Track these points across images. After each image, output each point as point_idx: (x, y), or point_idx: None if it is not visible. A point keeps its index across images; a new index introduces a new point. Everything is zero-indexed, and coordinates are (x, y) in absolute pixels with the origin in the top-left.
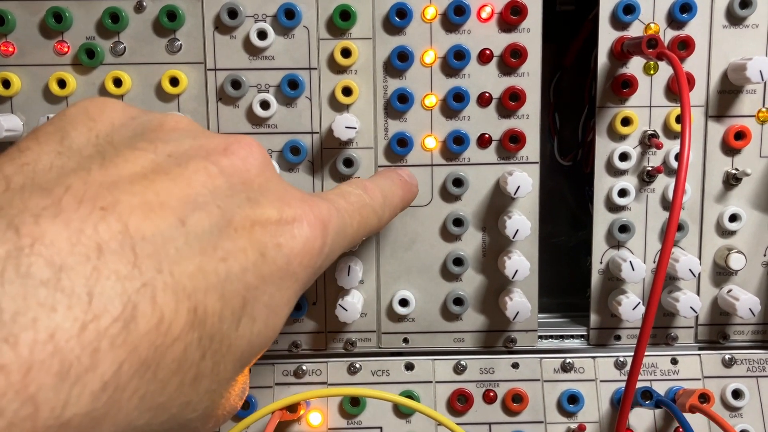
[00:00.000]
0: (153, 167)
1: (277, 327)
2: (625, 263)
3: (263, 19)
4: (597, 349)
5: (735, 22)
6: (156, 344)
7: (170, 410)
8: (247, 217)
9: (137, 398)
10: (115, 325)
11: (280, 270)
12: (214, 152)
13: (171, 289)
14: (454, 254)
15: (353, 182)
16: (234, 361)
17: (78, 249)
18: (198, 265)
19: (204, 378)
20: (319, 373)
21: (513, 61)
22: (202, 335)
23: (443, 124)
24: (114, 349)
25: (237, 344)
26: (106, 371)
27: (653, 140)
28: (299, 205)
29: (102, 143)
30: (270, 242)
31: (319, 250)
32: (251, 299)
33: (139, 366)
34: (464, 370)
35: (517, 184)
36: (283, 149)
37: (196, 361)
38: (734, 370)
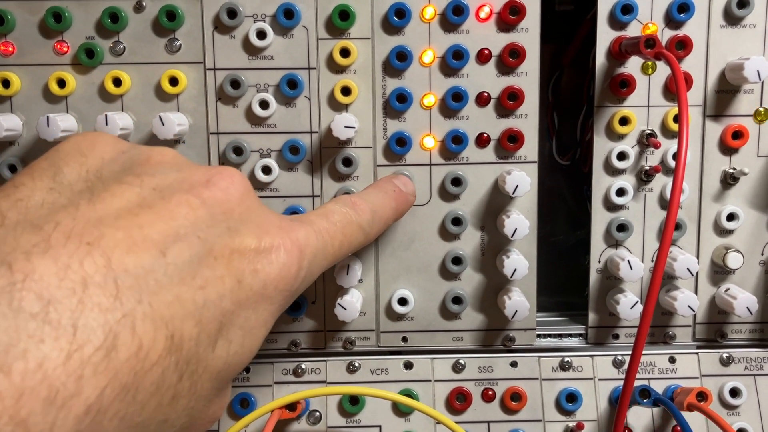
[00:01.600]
0: (138, 201)
1: (253, 347)
2: (623, 262)
3: (262, 19)
4: (595, 348)
5: (733, 22)
6: (135, 370)
7: (148, 428)
8: (227, 246)
9: (117, 419)
10: (98, 354)
11: (256, 294)
12: (197, 185)
13: (150, 318)
14: (452, 253)
15: (341, 199)
16: (211, 380)
17: (65, 283)
18: (176, 294)
19: (182, 397)
20: (318, 372)
21: (511, 61)
22: (179, 359)
23: (442, 123)
24: (97, 375)
25: (213, 365)
26: (90, 396)
27: (651, 140)
28: (277, 233)
29: (92, 178)
30: (247, 269)
31: (295, 275)
32: (227, 323)
33: (120, 390)
34: (463, 369)
35: (515, 183)
36: (282, 149)
37: (174, 383)
38: (732, 368)
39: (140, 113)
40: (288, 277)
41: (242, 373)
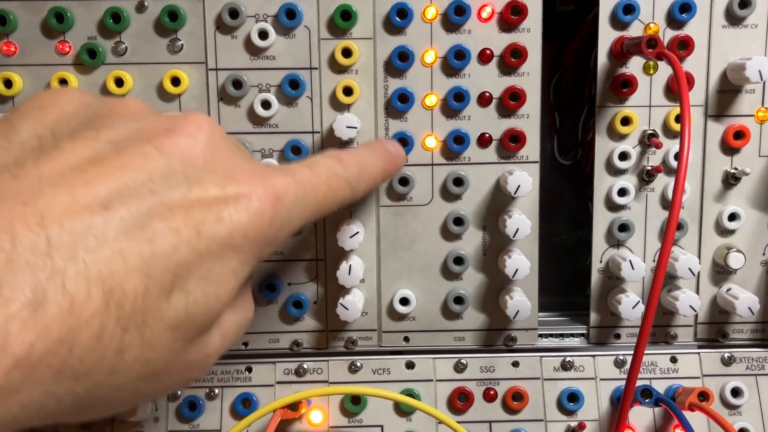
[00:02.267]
0: (90, 156)
1: (221, 296)
2: (624, 262)
3: (264, 19)
4: (597, 348)
5: (734, 22)
6: (69, 325)
7: (94, 378)
8: (184, 197)
9: (53, 372)
10: (25, 310)
11: (219, 244)
12: (156, 134)
13: (83, 275)
14: (454, 253)
15: (327, 153)
16: (169, 330)
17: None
18: (119, 249)
19: (131, 349)
20: (320, 372)
21: (513, 61)
22: (120, 314)
23: (444, 123)
24: (24, 331)
25: (169, 315)
26: (18, 351)
27: (653, 140)
28: (247, 180)
29: (47, 134)
30: (209, 218)
31: (269, 222)
32: (183, 274)
33: (52, 345)
34: (465, 369)
35: (517, 183)
36: (284, 149)
37: (118, 336)
38: (733, 368)
39: None
40: (260, 225)
41: (244, 372)
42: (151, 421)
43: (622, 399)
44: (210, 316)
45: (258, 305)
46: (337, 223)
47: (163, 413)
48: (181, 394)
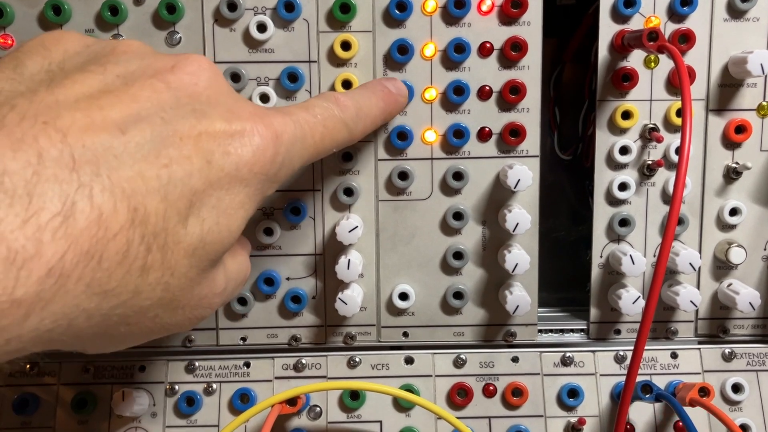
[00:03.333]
0: (100, 87)
1: (231, 228)
2: (625, 257)
3: (263, 12)
4: (597, 343)
5: (736, 16)
6: (97, 237)
7: (120, 297)
8: (193, 128)
9: (83, 284)
10: (56, 220)
11: (228, 176)
12: (161, 70)
13: (109, 190)
14: (454, 248)
15: (324, 95)
16: (187, 256)
17: (19, 155)
18: (138, 170)
19: (153, 270)
20: (318, 367)
21: (513, 55)
22: (145, 232)
23: (443, 117)
24: (56, 240)
25: (186, 240)
26: (50, 259)
27: (654, 134)
28: (249, 118)
29: (54, 69)
30: (217, 150)
31: (271, 159)
32: (198, 202)
33: (82, 256)
34: (464, 364)
35: (517, 177)
36: None
37: (142, 254)
38: (734, 364)
39: None
40: (263, 161)
41: (242, 367)
42: (149, 417)
43: (622, 395)
44: (221, 246)
45: (257, 300)
46: (337, 217)
47: (161, 409)
48: (178, 390)
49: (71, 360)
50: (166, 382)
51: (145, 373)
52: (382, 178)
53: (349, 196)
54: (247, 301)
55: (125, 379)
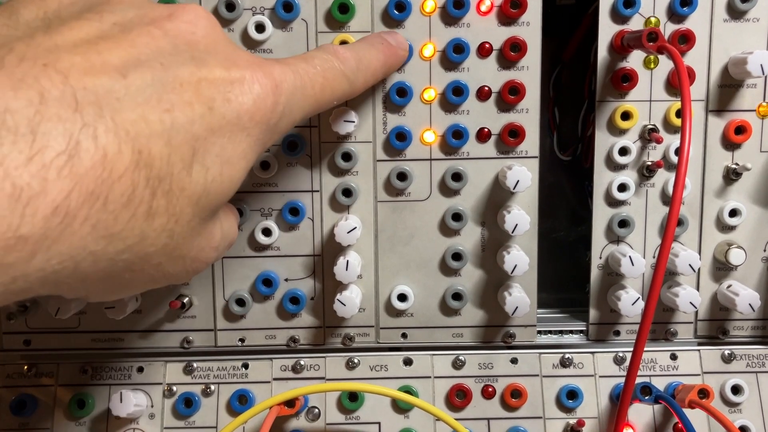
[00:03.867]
0: (97, 34)
1: (234, 178)
2: (624, 258)
3: (261, 12)
4: (596, 345)
5: (736, 16)
6: (102, 178)
7: (126, 241)
8: (193, 74)
9: (89, 226)
10: (60, 158)
11: (230, 124)
12: (158, 18)
13: (113, 131)
14: (452, 249)
15: (323, 47)
16: (191, 205)
17: (20, 94)
18: (140, 114)
19: (158, 215)
20: (317, 368)
21: (512, 55)
22: (149, 176)
23: (442, 118)
24: (61, 179)
25: (191, 188)
26: (56, 198)
27: (653, 135)
28: (248, 66)
29: (50, 17)
30: (218, 97)
31: (272, 108)
32: (201, 149)
33: (87, 196)
34: (463, 366)
35: (516, 178)
36: (281, 143)
37: (147, 198)
38: (734, 365)
39: None
40: (264, 109)
41: (240, 369)
42: (147, 418)
43: (621, 396)
44: (224, 196)
45: (255, 301)
46: (335, 218)
47: (159, 410)
48: (176, 391)
49: (69, 361)
50: (164, 383)
51: (143, 374)
52: (380, 179)
53: (348, 196)
54: (245, 302)
55: (123, 380)
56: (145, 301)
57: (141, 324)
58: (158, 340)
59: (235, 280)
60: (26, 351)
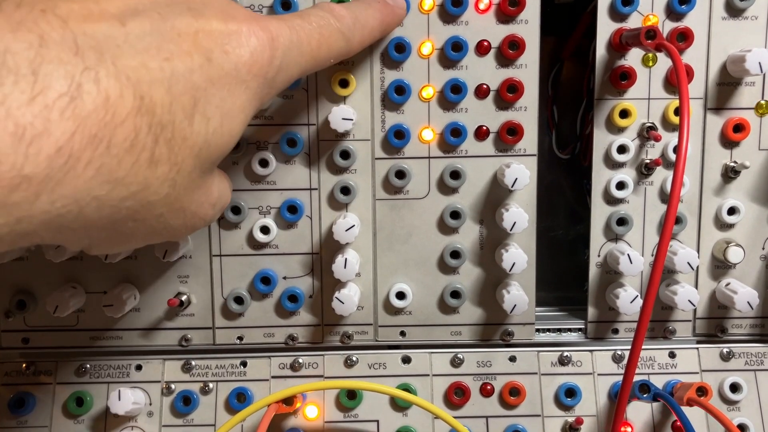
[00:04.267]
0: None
1: (233, 131)
2: (623, 256)
3: (260, 10)
4: (594, 343)
5: (734, 14)
6: (105, 121)
7: (129, 187)
8: (190, 25)
9: (93, 169)
10: (62, 100)
11: (229, 75)
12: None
13: (114, 76)
14: (451, 247)
15: (319, 4)
16: (192, 156)
17: (20, 36)
18: (141, 61)
19: (161, 163)
20: (315, 366)
21: (511, 53)
22: (152, 122)
23: (441, 116)
24: (64, 120)
25: (193, 138)
26: (59, 138)
27: (652, 133)
28: (245, 19)
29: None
30: (216, 49)
31: (269, 61)
32: (202, 99)
33: (90, 138)
34: (461, 364)
35: (514, 176)
36: (279, 141)
37: (150, 145)
38: (732, 363)
39: None
40: (261, 62)
41: (239, 367)
42: (146, 416)
43: (619, 394)
44: (223, 149)
45: (253, 299)
46: (333, 216)
47: (157, 408)
48: (175, 389)
49: (67, 359)
50: (162, 381)
51: (141, 372)
52: (379, 177)
53: (346, 194)
54: (243, 300)
55: (121, 378)
56: (143, 299)
57: (139, 322)
58: (156, 338)
59: (234, 278)
60: (25, 349)
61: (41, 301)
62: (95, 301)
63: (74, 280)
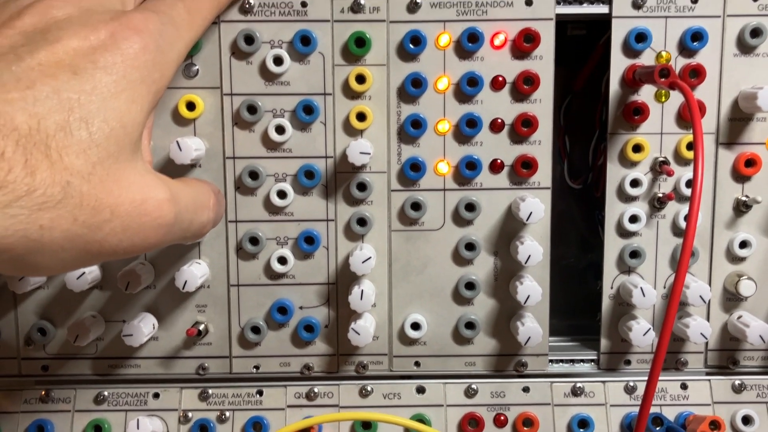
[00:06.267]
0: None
1: (128, 123)
2: (636, 289)
3: (279, 45)
4: (607, 374)
5: (746, 51)
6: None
7: (15, 192)
8: (49, 56)
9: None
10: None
11: (102, 80)
12: (9, 19)
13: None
14: (466, 278)
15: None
16: (81, 156)
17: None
18: (2, 99)
19: (40, 170)
20: (330, 396)
21: (525, 88)
22: (18, 140)
23: (456, 149)
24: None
25: (75, 144)
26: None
27: (664, 167)
28: (106, 24)
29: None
30: (82, 62)
31: (142, 50)
32: (76, 108)
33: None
34: (475, 394)
35: (529, 210)
36: (297, 173)
37: (19, 159)
38: (744, 395)
39: (157, 137)
40: (135, 54)
41: (255, 396)
42: None
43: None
44: (119, 140)
45: (270, 329)
46: (350, 247)
47: None
48: (192, 417)
49: (86, 387)
50: (179, 409)
51: (158, 401)
52: (395, 209)
53: (363, 226)
54: (260, 329)
55: (139, 406)
56: (162, 327)
57: (157, 350)
58: (174, 366)
59: (251, 307)
60: (44, 377)
61: (61, 329)
62: (115, 329)
63: (94, 309)
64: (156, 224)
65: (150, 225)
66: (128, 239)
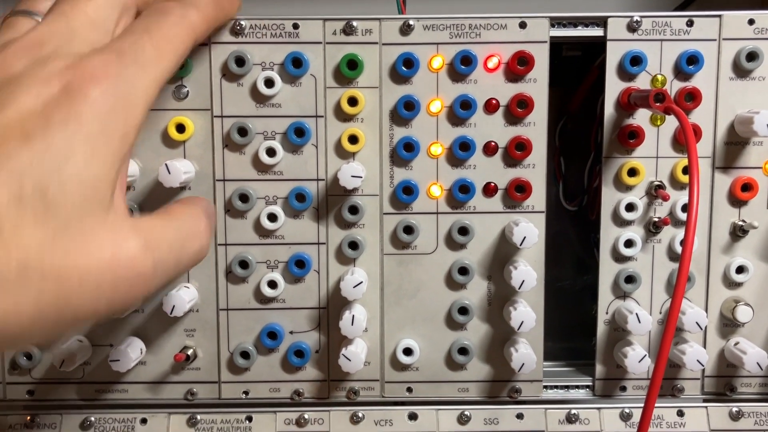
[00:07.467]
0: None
1: (82, 178)
2: (631, 315)
3: (270, 67)
4: (602, 400)
5: (741, 75)
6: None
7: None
8: (7, 119)
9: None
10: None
11: (56, 137)
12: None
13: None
14: (459, 303)
15: (130, 28)
16: (30, 225)
17: None
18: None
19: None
20: (321, 422)
21: (519, 111)
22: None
23: (449, 172)
24: None
25: (29, 213)
26: None
27: (660, 192)
28: (60, 78)
29: None
30: (32, 124)
31: (103, 95)
32: (27, 177)
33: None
34: (468, 420)
35: (523, 234)
36: (288, 196)
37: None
38: (742, 423)
39: (147, 159)
40: (94, 105)
41: (244, 422)
42: None
43: None
44: (84, 197)
45: (259, 354)
46: (341, 270)
47: None
48: None
49: (72, 412)
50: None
51: (146, 427)
52: (387, 232)
53: (354, 249)
54: (249, 354)
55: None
56: (149, 352)
57: (145, 375)
58: (162, 391)
59: (240, 332)
60: (29, 402)
61: (47, 353)
62: (102, 354)
63: (81, 333)
64: (132, 277)
65: (126, 280)
66: (106, 299)
